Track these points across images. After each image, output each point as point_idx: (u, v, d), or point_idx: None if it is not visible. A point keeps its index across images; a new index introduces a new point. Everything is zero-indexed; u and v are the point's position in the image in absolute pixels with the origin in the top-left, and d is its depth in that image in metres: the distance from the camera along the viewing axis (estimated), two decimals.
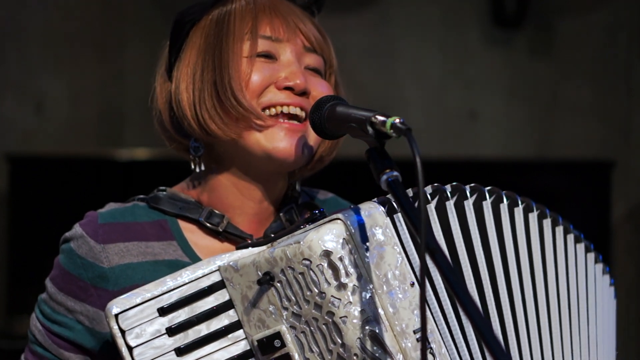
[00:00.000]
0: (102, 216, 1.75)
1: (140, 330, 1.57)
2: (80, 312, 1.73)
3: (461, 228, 1.58)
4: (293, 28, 1.76)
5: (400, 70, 5.01)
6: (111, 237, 1.73)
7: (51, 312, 1.75)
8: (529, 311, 1.61)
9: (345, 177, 1.94)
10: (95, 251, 1.71)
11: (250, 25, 1.74)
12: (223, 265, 1.58)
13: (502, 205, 1.63)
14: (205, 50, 1.75)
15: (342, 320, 1.45)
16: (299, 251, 1.47)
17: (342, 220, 1.47)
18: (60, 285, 1.74)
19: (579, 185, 4.80)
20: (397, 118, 1.44)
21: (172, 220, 1.77)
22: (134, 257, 1.72)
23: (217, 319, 1.58)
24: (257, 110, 1.71)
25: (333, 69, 1.83)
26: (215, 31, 1.75)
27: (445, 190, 1.60)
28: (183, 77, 1.75)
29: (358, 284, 1.45)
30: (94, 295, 1.72)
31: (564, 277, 1.68)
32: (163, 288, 1.59)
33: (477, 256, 1.59)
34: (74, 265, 1.73)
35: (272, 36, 1.75)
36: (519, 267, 1.62)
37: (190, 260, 1.73)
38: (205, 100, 1.72)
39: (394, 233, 1.49)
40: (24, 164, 4.50)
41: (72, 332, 1.74)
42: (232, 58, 1.72)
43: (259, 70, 1.73)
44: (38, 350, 1.77)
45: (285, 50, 1.75)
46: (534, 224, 1.66)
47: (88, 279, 1.72)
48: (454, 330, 1.52)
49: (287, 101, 1.72)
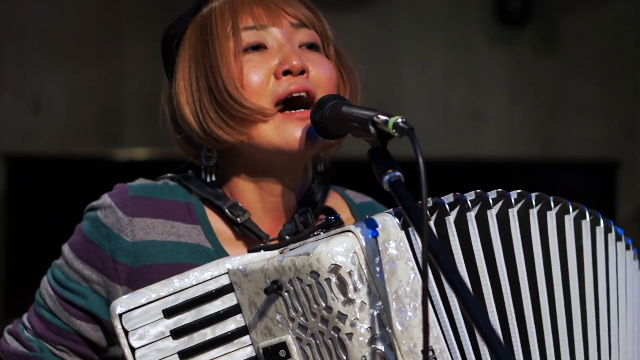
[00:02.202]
0: (133, 189, 1.74)
1: (143, 331, 1.54)
2: (97, 282, 1.71)
3: (501, 236, 1.54)
4: (276, 10, 1.73)
5: (403, 69, 5.01)
6: (140, 210, 1.71)
7: (65, 279, 1.74)
8: (559, 319, 1.57)
9: (346, 177, 1.90)
10: (122, 223, 1.70)
11: (232, 22, 1.72)
12: (232, 269, 1.56)
13: (531, 211, 1.57)
14: (195, 58, 1.73)
15: (348, 337, 1.42)
16: (307, 263, 1.44)
17: (354, 233, 1.44)
18: (79, 252, 1.73)
19: (584, 186, 4.82)
20: (399, 117, 1.42)
21: (199, 204, 1.76)
22: (158, 235, 1.71)
23: (224, 324, 1.56)
24: (259, 106, 1.68)
25: (330, 39, 1.80)
26: (200, 37, 1.74)
27: (477, 198, 1.54)
28: (180, 91, 1.74)
29: (366, 300, 1.41)
30: (111, 268, 1.70)
31: (604, 284, 1.62)
32: (169, 289, 1.56)
33: (518, 265, 1.54)
34: (98, 234, 1.71)
35: (255, 25, 1.72)
36: (549, 272, 1.57)
37: (211, 247, 1.72)
38: (206, 108, 1.71)
39: (407, 247, 1.45)
40: (22, 164, 4.52)
41: (86, 300, 1.73)
42: (220, 60, 1.70)
43: (252, 65, 1.70)
44: (45, 315, 1.75)
45: (272, 34, 1.72)
46: (569, 225, 1.61)
47: (109, 251, 1.70)
48: (466, 349, 1.47)
49: (291, 88, 1.69)
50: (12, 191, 4.45)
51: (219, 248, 1.73)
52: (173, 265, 1.66)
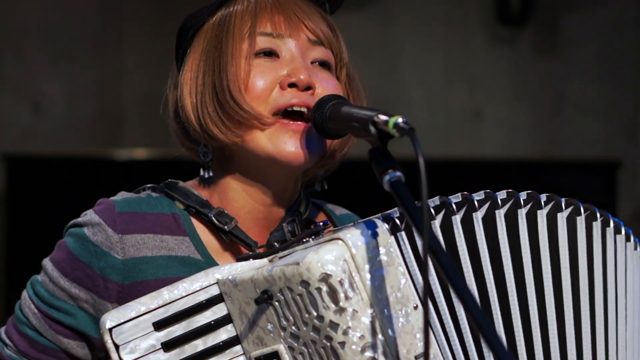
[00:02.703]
0: (119, 205, 1.71)
1: (134, 345, 1.54)
2: (85, 300, 1.69)
3: (509, 238, 1.53)
4: (296, 23, 1.73)
5: (404, 69, 5.01)
6: (129, 227, 1.69)
7: (50, 297, 1.70)
8: (567, 322, 1.56)
9: (347, 177, 1.89)
10: (112, 241, 1.67)
11: (250, 24, 1.72)
12: (222, 278, 1.55)
13: (540, 212, 1.57)
14: (207, 53, 1.73)
15: (341, 345, 1.41)
16: (297, 272, 1.42)
17: (344, 240, 1.43)
18: (65, 270, 1.70)
19: (585, 186, 4.81)
20: (399, 117, 1.42)
21: (184, 214, 1.75)
22: (149, 251, 1.69)
23: (215, 334, 1.55)
24: (257, 111, 1.67)
25: (344, 62, 1.79)
26: (215, 33, 1.74)
27: (493, 198, 1.54)
28: (186, 81, 1.74)
29: (358, 308, 1.40)
30: (101, 286, 1.68)
31: (613, 287, 1.61)
32: (159, 301, 1.55)
33: (525, 267, 1.53)
34: (86, 252, 1.68)
35: (272, 32, 1.71)
36: (558, 275, 1.56)
37: (201, 258, 1.71)
38: (207, 104, 1.70)
39: (398, 253, 1.44)
40: (22, 164, 4.50)
41: (73, 318, 1.70)
42: (230, 59, 1.69)
43: (260, 71, 1.70)
44: (29, 333, 1.72)
45: (287, 45, 1.72)
46: (581, 227, 1.60)
47: (99, 269, 1.67)
48: (457, 355, 1.47)
49: (291, 102, 1.68)
50: (12, 191, 4.44)
51: (209, 259, 1.71)
52: (165, 280, 1.65)
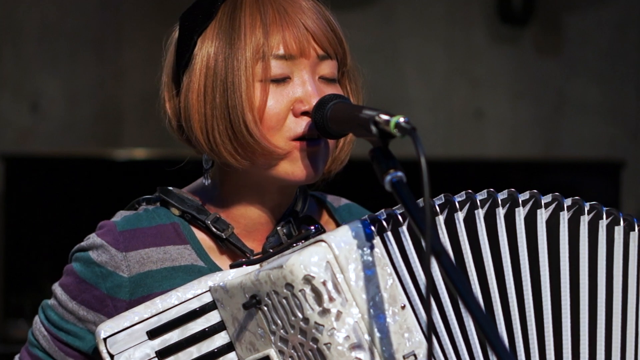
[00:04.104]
0: (119, 224, 1.70)
1: (129, 354, 1.55)
2: (92, 322, 1.69)
3: (528, 239, 1.53)
4: (306, 39, 1.66)
5: (405, 69, 5.02)
6: (132, 244, 1.69)
7: (59, 320, 1.71)
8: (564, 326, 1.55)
9: (348, 177, 1.88)
10: (116, 260, 1.67)
11: (262, 42, 1.64)
12: (214, 286, 1.57)
13: (539, 211, 1.56)
14: (215, 69, 1.65)
15: (327, 347, 1.43)
16: (281, 275, 1.44)
17: (327, 242, 1.44)
18: (73, 293, 1.70)
19: (588, 186, 4.82)
20: (401, 117, 1.41)
21: (183, 222, 1.73)
22: (153, 264, 1.69)
23: (209, 341, 1.56)
24: (274, 144, 1.64)
25: (347, 67, 1.76)
26: (224, 46, 1.65)
27: (486, 198, 1.54)
28: (192, 102, 1.66)
29: (342, 309, 1.42)
30: (110, 306, 1.68)
31: (619, 289, 1.61)
32: (152, 310, 1.57)
33: (541, 269, 1.54)
34: (92, 274, 1.68)
35: (285, 55, 1.65)
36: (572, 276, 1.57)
37: (205, 264, 1.70)
38: (219, 131, 1.64)
39: (384, 253, 1.46)
40: (20, 164, 4.51)
41: (82, 341, 1.70)
42: (245, 86, 1.63)
43: (275, 99, 1.65)
44: (39, 354, 1.73)
45: (299, 68, 1.66)
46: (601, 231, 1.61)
47: (105, 289, 1.68)
48: (448, 353, 1.48)
49: (310, 132, 1.65)
50: (10, 192, 4.44)
51: (212, 265, 1.70)
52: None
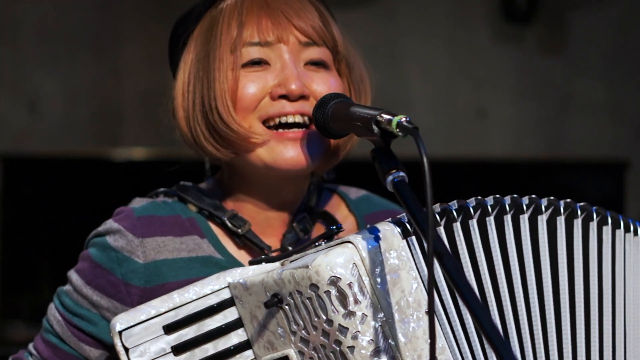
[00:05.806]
0: (137, 210, 1.72)
1: (144, 348, 1.55)
2: (106, 308, 1.70)
3: (532, 244, 1.53)
4: (285, 25, 1.69)
5: (407, 68, 5.02)
6: (149, 230, 1.70)
7: (73, 305, 1.72)
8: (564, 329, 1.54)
9: (349, 177, 1.88)
10: (132, 245, 1.69)
11: (236, 34, 1.69)
12: (233, 282, 1.56)
13: (540, 217, 1.55)
14: (197, 65, 1.71)
15: (350, 350, 1.41)
16: (306, 275, 1.43)
17: (354, 243, 1.42)
18: (88, 278, 1.71)
19: (592, 186, 4.84)
20: (403, 116, 1.41)
21: (200, 218, 1.75)
22: (169, 253, 1.70)
23: (226, 338, 1.56)
24: (249, 130, 1.66)
25: (341, 54, 1.76)
26: (204, 44, 1.71)
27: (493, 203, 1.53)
28: (177, 95, 1.73)
29: (367, 312, 1.41)
30: (123, 292, 1.69)
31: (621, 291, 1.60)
32: (169, 304, 1.56)
33: (543, 272, 1.54)
34: (108, 258, 1.70)
35: (260, 41, 1.68)
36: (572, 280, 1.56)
37: (222, 257, 1.71)
38: (199, 122, 1.70)
39: (409, 257, 1.44)
40: (18, 164, 4.52)
41: (95, 327, 1.71)
42: (217, 75, 1.68)
43: (249, 83, 1.67)
44: (53, 340, 1.74)
45: (276, 52, 1.69)
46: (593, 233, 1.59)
47: (121, 275, 1.69)
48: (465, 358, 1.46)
49: (284, 111, 1.67)
50: (8, 191, 4.44)
51: (230, 258, 1.71)
52: (187, 282, 1.63)
